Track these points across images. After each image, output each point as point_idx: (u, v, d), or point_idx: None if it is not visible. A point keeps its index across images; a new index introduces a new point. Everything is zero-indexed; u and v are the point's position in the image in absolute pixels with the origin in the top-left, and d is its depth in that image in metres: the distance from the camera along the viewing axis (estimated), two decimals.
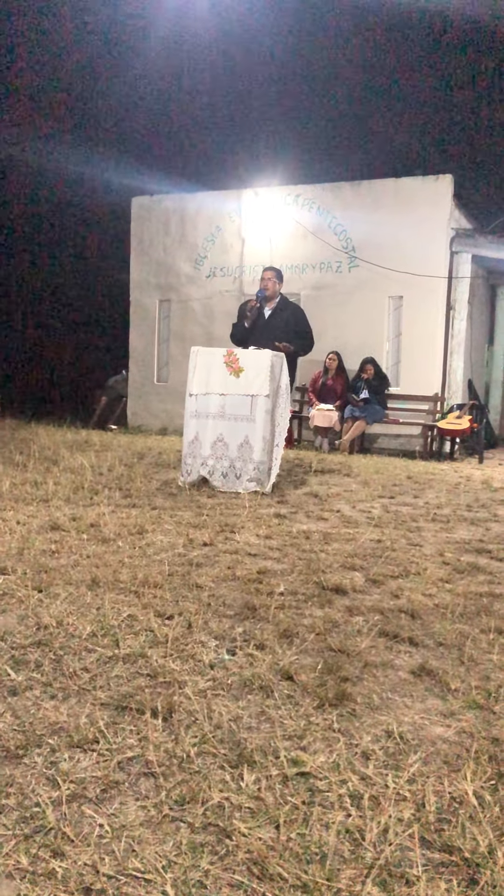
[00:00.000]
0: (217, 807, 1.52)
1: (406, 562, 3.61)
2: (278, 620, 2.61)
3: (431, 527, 4.59)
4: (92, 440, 8.85)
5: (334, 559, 3.60)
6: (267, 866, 1.34)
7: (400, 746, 1.79)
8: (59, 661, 2.20)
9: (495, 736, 1.85)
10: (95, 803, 1.52)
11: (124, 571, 3.14)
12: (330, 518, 4.71)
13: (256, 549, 3.74)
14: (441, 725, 1.92)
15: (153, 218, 12.44)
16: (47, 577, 3.01)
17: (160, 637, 2.40)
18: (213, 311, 11.92)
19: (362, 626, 2.64)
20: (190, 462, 5.79)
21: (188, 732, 1.80)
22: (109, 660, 2.22)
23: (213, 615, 2.67)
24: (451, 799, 1.58)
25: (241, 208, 11.65)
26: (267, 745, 1.77)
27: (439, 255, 10.32)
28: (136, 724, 1.84)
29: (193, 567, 3.30)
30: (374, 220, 10.59)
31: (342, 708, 1.98)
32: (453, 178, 10.31)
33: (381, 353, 10.64)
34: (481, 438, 10.03)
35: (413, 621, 2.73)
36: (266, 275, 6.59)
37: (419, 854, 1.40)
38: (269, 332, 6.43)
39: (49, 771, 1.62)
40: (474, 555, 3.88)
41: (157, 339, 12.52)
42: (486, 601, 3.02)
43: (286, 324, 6.51)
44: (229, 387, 5.72)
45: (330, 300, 10.88)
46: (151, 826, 1.46)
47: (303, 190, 11.24)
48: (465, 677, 2.22)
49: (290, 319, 6.56)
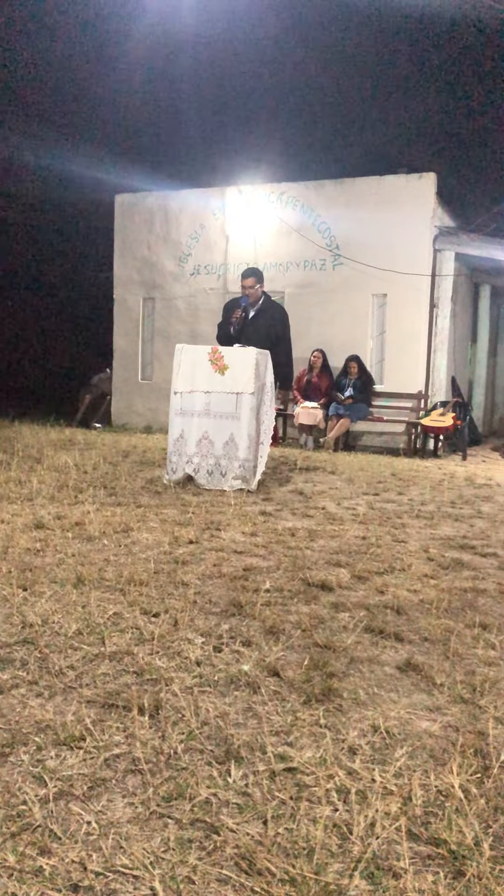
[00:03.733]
0: (204, 803, 1.52)
1: (391, 558, 3.63)
2: (264, 617, 2.62)
3: (416, 523, 4.61)
4: (76, 438, 8.82)
5: (320, 556, 3.61)
6: (255, 861, 1.34)
7: (386, 741, 1.80)
8: (44, 660, 2.19)
9: (480, 730, 1.86)
10: (82, 801, 1.52)
11: (110, 569, 3.14)
12: (315, 515, 4.72)
13: (242, 546, 3.74)
14: (427, 720, 1.93)
15: (137, 215, 12.40)
16: (32, 575, 3.00)
17: (146, 634, 2.40)
18: (198, 308, 11.89)
19: (348, 622, 2.65)
20: (175, 460, 5.78)
21: (175, 729, 1.80)
22: (95, 658, 2.22)
23: (199, 612, 2.67)
24: (438, 792, 1.59)
25: (225, 206, 11.64)
26: (254, 740, 1.77)
27: (423, 253, 10.36)
28: (122, 721, 1.84)
29: (179, 565, 3.30)
30: (357, 218, 10.61)
31: (329, 703, 1.99)
32: (436, 177, 10.34)
33: (365, 350, 10.67)
34: (465, 435, 10.09)
35: (398, 617, 2.74)
36: (246, 283, 6.54)
37: (406, 847, 1.41)
38: (253, 332, 6.44)
39: (36, 769, 1.62)
40: (458, 551, 3.90)
41: (142, 336, 12.48)
42: (471, 596, 3.04)
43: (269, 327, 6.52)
44: (214, 384, 5.72)
45: (314, 298, 10.89)
46: (139, 823, 1.45)
47: (287, 188, 11.24)
48: (450, 672, 2.24)
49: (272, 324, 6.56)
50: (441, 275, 10.51)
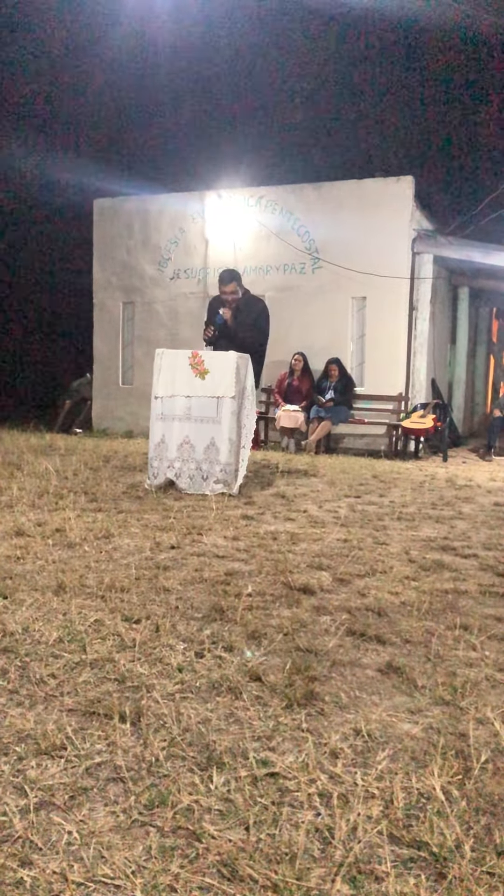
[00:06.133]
0: (187, 810, 1.52)
1: (372, 560, 3.64)
2: (246, 622, 2.61)
3: (397, 525, 4.63)
4: (56, 444, 8.77)
5: (302, 559, 3.61)
6: (237, 867, 1.34)
7: (368, 744, 1.81)
8: (25, 668, 2.17)
9: (462, 731, 1.87)
10: (63, 810, 1.51)
11: (90, 576, 3.12)
12: (297, 518, 4.72)
13: (224, 550, 3.74)
14: (408, 722, 1.93)
15: (116, 220, 12.37)
16: (12, 583, 2.98)
17: (127, 641, 2.39)
18: (178, 312, 11.89)
19: (330, 625, 2.65)
20: (156, 465, 5.76)
21: (157, 736, 1.79)
22: (76, 665, 2.20)
23: (180, 618, 2.66)
24: (419, 795, 1.60)
25: (205, 210, 11.65)
26: (236, 746, 1.77)
27: (401, 256, 10.42)
28: (104, 729, 1.83)
29: (160, 570, 3.29)
30: (336, 222, 10.66)
31: (310, 707, 1.99)
32: (413, 180, 10.41)
33: (345, 353, 10.71)
34: (445, 437, 10.15)
35: (380, 619, 2.75)
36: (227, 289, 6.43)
37: (388, 850, 1.41)
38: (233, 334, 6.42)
39: (16, 779, 1.60)
40: (440, 552, 3.92)
41: (122, 341, 12.45)
42: (452, 598, 3.06)
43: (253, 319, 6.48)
44: (195, 389, 5.71)
45: (294, 301, 10.92)
46: (121, 831, 1.45)
47: (266, 192, 11.27)
48: (431, 674, 2.25)
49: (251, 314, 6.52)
50: (420, 277, 10.58)
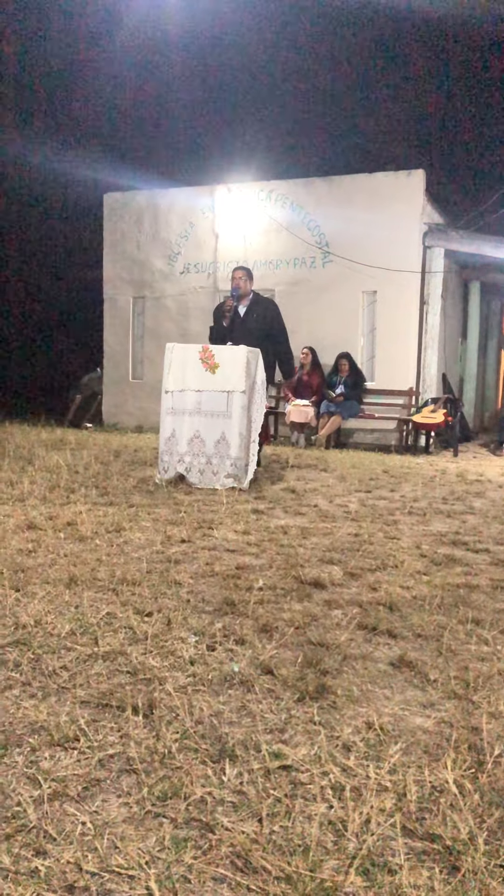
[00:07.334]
0: (199, 801, 1.52)
1: (384, 555, 3.63)
2: (258, 615, 2.62)
3: (408, 520, 4.62)
4: (67, 439, 8.79)
5: (312, 553, 3.61)
6: (250, 859, 1.35)
7: (380, 737, 1.80)
8: (38, 661, 2.18)
9: (474, 725, 1.87)
10: (77, 801, 1.52)
11: (102, 569, 3.13)
12: (307, 513, 4.72)
13: (234, 544, 3.74)
14: (421, 716, 1.93)
15: (126, 214, 12.36)
16: (24, 576, 2.99)
17: (139, 634, 2.39)
18: (188, 307, 11.88)
19: (341, 619, 2.65)
20: (167, 459, 5.77)
21: (169, 728, 1.80)
22: (89, 658, 2.21)
23: (192, 611, 2.67)
24: (432, 788, 1.59)
25: (215, 204, 11.62)
26: (248, 739, 1.77)
27: (412, 250, 10.37)
28: (116, 721, 1.84)
29: (172, 564, 3.29)
30: (347, 216, 10.61)
31: (322, 701, 1.99)
32: (425, 173, 10.36)
33: (355, 348, 10.67)
34: (456, 432, 10.11)
35: (391, 613, 2.75)
36: (237, 274, 6.60)
37: (401, 843, 1.41)
38: (245, 329, 6.44)
39: (30, 770, 1.61)
40: (451, 547, 3.91)
41: (132, 336, 12.45)
42: (463, 592, 3.05)
43: (261, 320, 6.52)
44: (205, 383, 5.71)
45: (304, 296, 10.89)
46: (134, 822, 1.45)
47: (276, 185, 11.23)
48: (443, 668, 2.24)
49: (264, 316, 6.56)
50: (431, 272, 10.53)
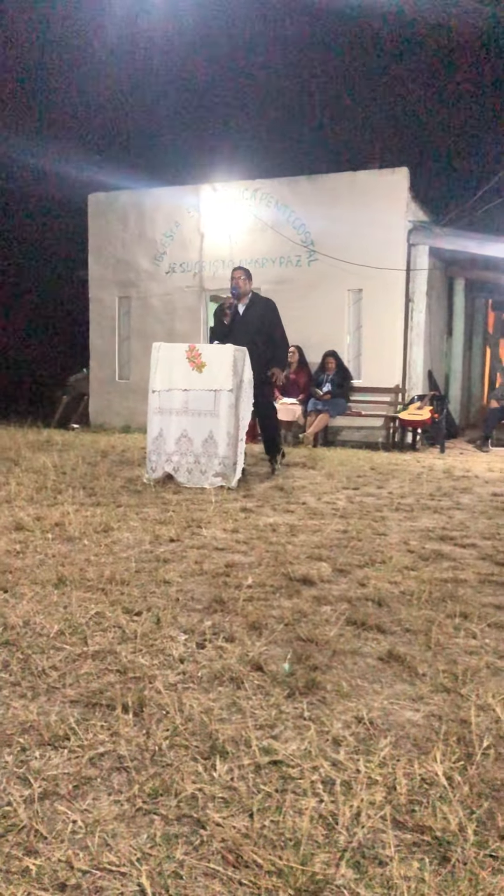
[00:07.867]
0: (190, 798, 1.52)
1: (372, 551, 3.65)
2: (247, 612, 2.62)
3: (396, 516, 4.64)
4: (54, 439, 8.76)
5: (301, 551, 3.62)
6: (242, 854, 1.35)
7: (370, 731, 1.81)
8: (27, 661, 2.18)
9: (463, 718, 1.88)
10: (68, 800, 1.51)
11: (91, 569, 3.12)
12: (296, 510, 4.73)
13: (223, 543, 3.74)
14: (410, 709, 1.94)
15: (111, 214, 12.33)
16: (13, 577, 2.98)
17: (129, 633, 2.39)
18: (174, 306, 11.86)
19: (330, 615, 2.66)
20: (154, 459, 5.76)
21: (159, 726, 1.80)
22: (78, 657, 2.21)
23: (181, 610, 2.67)
24: (422, 780, 1.60)
25: (200, 203, 11.60)
26: (239, 735, 1.77)
27: (397, 248, 10.40)
28: (106, 719, 1.84)
29: (160, 563, 3.29)
30: (332, 214, 10.62)
31: (312, 696, 2.00)
32: (408, 171, 10.39)
33: (342, 346, 10.69)
34: (442, 428, 10.15)
35: (380, 609, 2.76)
36: (236, 274, 6.61)
37: (391, 835, 1.42)
38: (245, 327, 6.44)
39: (20, 769, 1.61)
40: (438, 542, 3.93)
41: (118, 336, 12.42)
42: (451, 587, 3.07)
43: (260, 318, 6.53)
44: (192, 382, 5.71)
45: (290, 294, 10.88)
46: (125, 820, 1.45)
47: (261, 184, 11.23)
48: (432, 662, 2.26)
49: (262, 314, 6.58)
50: (416, 269, 10.57)
